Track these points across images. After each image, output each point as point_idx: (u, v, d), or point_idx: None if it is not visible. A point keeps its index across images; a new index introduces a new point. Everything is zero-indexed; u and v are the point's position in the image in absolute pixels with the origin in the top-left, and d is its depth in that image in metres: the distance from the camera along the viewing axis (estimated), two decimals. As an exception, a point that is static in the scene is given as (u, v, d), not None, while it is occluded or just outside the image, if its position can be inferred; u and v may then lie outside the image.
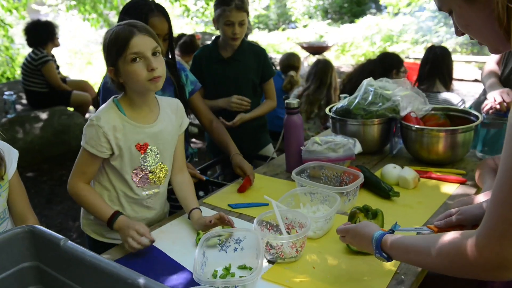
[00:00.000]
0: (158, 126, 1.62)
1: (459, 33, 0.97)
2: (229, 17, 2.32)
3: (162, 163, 1.65)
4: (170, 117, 1.67)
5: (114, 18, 8.48)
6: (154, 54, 1.50)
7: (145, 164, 1.61)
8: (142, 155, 1.60)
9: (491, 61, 2.62)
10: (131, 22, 1.52)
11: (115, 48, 1.48)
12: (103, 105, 1.60)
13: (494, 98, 2.22)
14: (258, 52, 2.54)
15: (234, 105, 2.41)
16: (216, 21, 2.41)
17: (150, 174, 1.63)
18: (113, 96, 1.61)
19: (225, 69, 2.47)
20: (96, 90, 4.97)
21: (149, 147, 1.60)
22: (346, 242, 1.36)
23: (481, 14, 0.87)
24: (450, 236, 0.95)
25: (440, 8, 0.97)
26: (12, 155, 1.53)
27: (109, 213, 1.54)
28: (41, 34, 4.87)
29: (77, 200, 1.60)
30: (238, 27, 2.34)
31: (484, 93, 2.66)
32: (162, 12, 1.90)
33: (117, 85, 1.56)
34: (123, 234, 1.48)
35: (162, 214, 1.79)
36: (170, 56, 2.04)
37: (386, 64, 3.71)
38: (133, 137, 1.57)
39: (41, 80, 4.89)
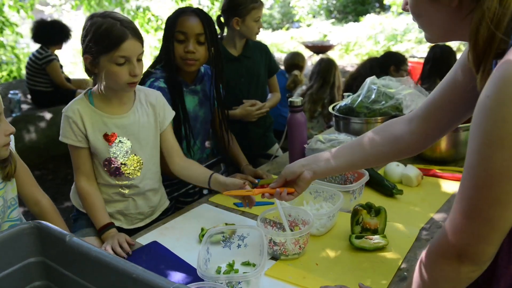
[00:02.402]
0: (130, 118, 1.63)
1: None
2: (258, 13, 2.40)
3: (135, 154, 1.65)
4: (145, 109, 1.67)
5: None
6: (138, 59, 1.53)
7: (114, 155, 1.62)
8: (111, 146, 1.61)
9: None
10: (123, 19, 1.49)
11: (103, 43, 1.47)
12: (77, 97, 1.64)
13: None
14: (262, 47, 2.62)
15: (255, 113, 2.44)
16: (241, 20, 2.39)
17: (123, 166, 1.64)
18: (88, 88, 1.63)
19: (238, 67, 2.49)
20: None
21: (118, 138, 1.62)
22: None
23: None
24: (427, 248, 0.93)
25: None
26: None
27: (103, 222, 1.58)
28: (54, 34, 4.88)
29: (80, 199, 1.67)
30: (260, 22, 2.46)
31: None
32: (195, 13, 1.87)
33: (89, 72, 1.57)
34: (106, 241, 1.52)
35: (153, 209, 1.80)
36: (214, 67, 1.96)
37: (387, 61, 3.71)
38: (101, 127, 1.59)
39: (45, 79, 4.91)
